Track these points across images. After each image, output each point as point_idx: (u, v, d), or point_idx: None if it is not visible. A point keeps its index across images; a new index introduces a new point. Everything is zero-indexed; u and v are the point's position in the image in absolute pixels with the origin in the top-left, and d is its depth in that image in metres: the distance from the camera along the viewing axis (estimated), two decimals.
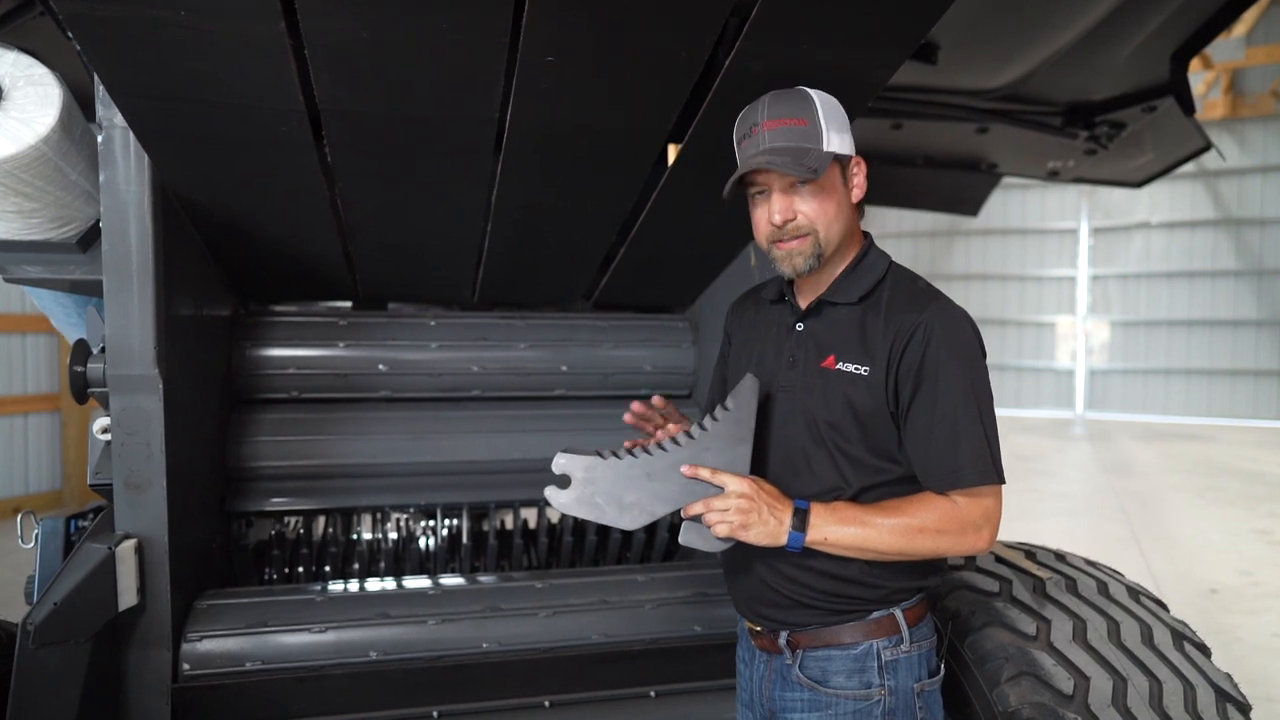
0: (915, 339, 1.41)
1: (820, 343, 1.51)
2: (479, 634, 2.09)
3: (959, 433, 1.39)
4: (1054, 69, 2.85)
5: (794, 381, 1.52)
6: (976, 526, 1.40)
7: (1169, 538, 6.92)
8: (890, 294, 1.48)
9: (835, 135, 1.43)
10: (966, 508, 1.40)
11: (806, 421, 1.49)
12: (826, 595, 1.49)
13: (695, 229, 2.30)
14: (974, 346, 1.44)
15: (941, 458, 1.40)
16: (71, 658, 1.68)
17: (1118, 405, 15.23)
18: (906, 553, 1.40)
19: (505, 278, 2.53)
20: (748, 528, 1.36)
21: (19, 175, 1.75)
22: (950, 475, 1.40)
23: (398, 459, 2.50)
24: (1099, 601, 1.80)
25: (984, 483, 1.40)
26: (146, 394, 1.84)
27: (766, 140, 1.41)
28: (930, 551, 1.41)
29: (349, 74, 1.50)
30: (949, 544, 1.40)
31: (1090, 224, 15.35)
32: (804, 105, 1.42)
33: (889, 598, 1.49)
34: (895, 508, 1.41)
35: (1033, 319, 15.87)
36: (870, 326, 1.46)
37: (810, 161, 1.39)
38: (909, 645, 1.49)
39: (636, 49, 1.52)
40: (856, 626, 1.49)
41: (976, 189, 4.40)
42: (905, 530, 1.38)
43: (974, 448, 1.39)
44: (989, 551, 1.45)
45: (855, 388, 1.45)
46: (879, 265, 1.52)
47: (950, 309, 1.44)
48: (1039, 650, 1.65)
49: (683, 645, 2.17)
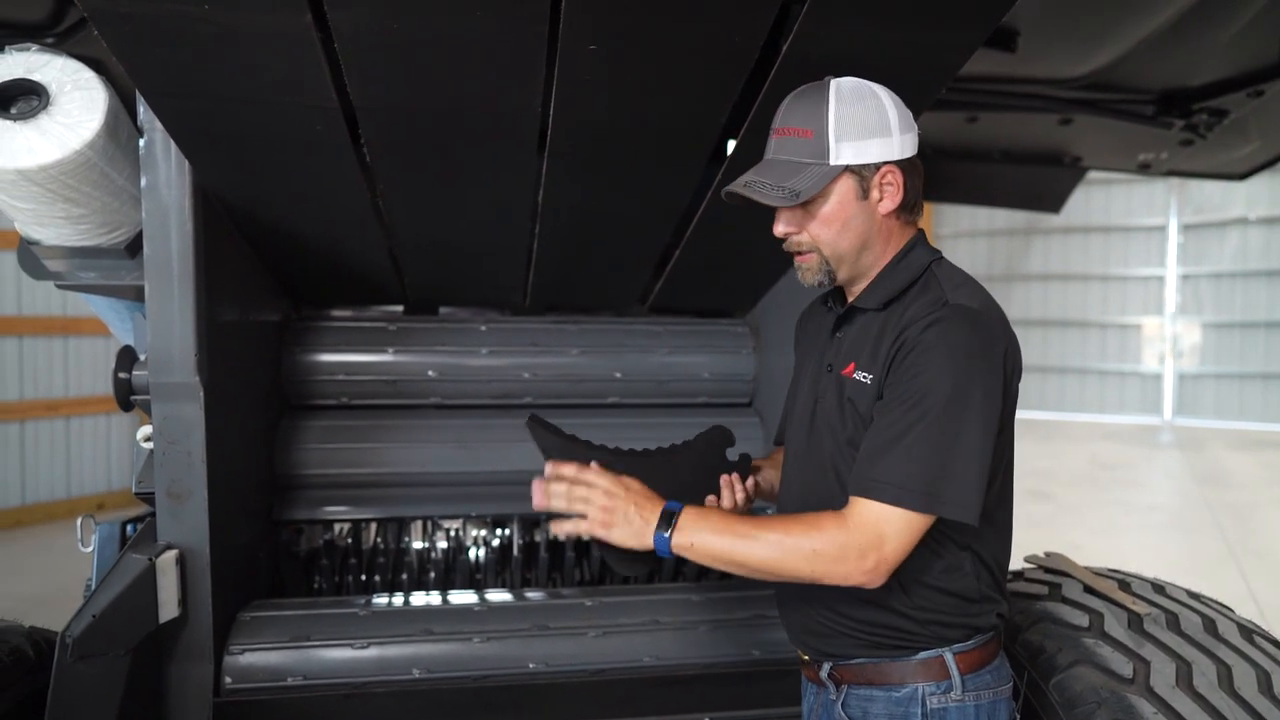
0: (908, 342, 1.27)
1: (847, 350, 1.41)
2: (525, 653, 2.01)
3: (901, 443, 1.23)
4: (1147, 53, 2.64)
5: (826, 390, 1.43)
6: (860, 552, 1.21)
7: (1271, 555, 6.46)
8: (915, 296, 1.35)
9: (849, 146, 1.31)
10: (857, 529, 1.22)
11: (831, 434, 1.39)
12: (867, 625, 1.36)
13: (755, 229, 2.15)
14: (974, 359, 1.25)
15: (867, 461, 1.25)
16: (110, 671, 1.66)
17: (1210, 411, 14.45)
18: (778, 572, 1.26)
19: (556, 281, 2.45)
20: (610, 526, 1.29)
21: (65, 180, 1.74)
22: (862, 480, 1.25)
23: (447, 468, 2.45)
24: (1206, 641, 1.61)
25: (896, 503, 1.21)
26: (187, 402, 1.82)
27: (771, 150, 1.36)
28: (804, 575, 1.24)
29: (381, 67, 1.43)
30: (824, 570, 1.23)
31: (1180, 220, 14.61)
32: (816, 113, 1.31)
33: (936, 635, 1.35)
34: (774, 522, 1.27)
35: (1116, 320, 15.19)
36: (887, 333, 1.34)
37: (796, 183, 1.30)
38: (961, 693, 1.34)
39: (685, 35, 1.41)
40: (902, 666, 1.36)
41: (1059, 184, 4.17)
42: (777, 547, 1.24)
43: (909, 463, 1.21)
44: (876, 585, 1.23)
45: (860, 396, 1.34)
46: (914, 268, 1.38)
47: (965, 314, 1.27)
48: (1137, 695, 1.48)
49: (739, 670, 2.05)
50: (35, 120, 1.67)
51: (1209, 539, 6.96)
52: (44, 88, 1.70)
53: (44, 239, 1.86)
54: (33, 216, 1.80)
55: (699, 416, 2.62)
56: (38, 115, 1.68)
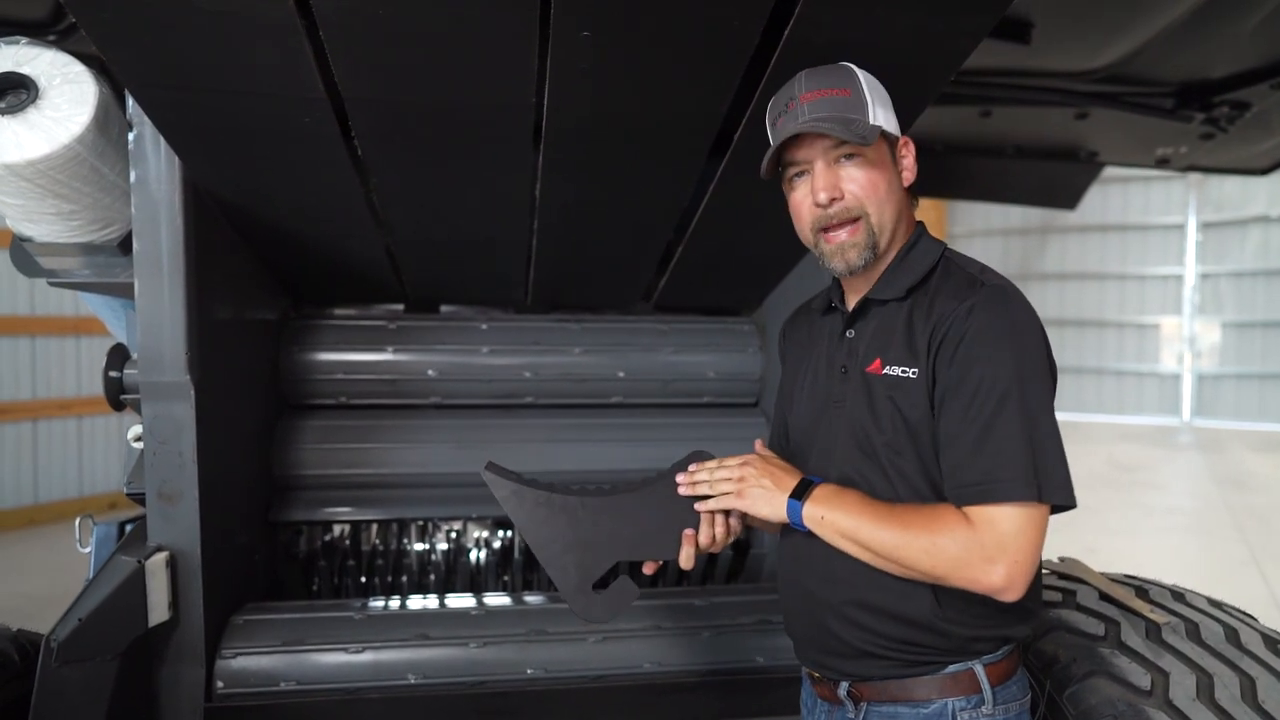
0: (954, 328, 1.21)
1: (869, 346, 1.33)
2: (523, 658, 1.97)
3: (990, 435, 1.16)
4: (1166, 44, 2.57)
5: (845, 394, 1.34)
6: (987, 557, 1.14)
7: None
8: (939, 282, 1.29)
9: (881, 110, 1.29)
10: (981, 532, 1.15)
11: (858, 439, 1.31)
12: (894, 642, 1.29)
13: (760, 224, 2.12)
14: (1027, 336, 1.21)
15: (963, 465, 1.18)
16: (97, 675, 1.63)
17: (1230, 412, 14.23)
18: (900, 560, 1.20)
19: (558, 278, 2.41)
20: (743, 496, 1.30)
21: (54, 176, 1.70)
22: (969, 487, 1.17)
23: (447, 468, 2.41)
24: (1228, 652, 1.54)
25: (1012, 499, 1.15)
26: (178, 401, 1.78)
27: (807, 112, 1.27)
28: (924, 570, 1.18)
29: (367, 57, 1.39)
30: (945, 570, 1.16)
31: (1199, 218, 14.40)
32: (847, 77, 1.30)
33: (966, 648, 1.28)
34: (901, 514, 1.21)
35: (1134, 320, 15.00)
36: (918, 322, 1.27)
37: (859, 129, 1.24)
38: (991, 707, 1.28)
39: (681, 20, 1.36)
40: (930, 681, 1.29)
41: (1075, 180, 4.08)
42: (901, 535, 1.18)
43: (1006, 455, 1.15)
44: (1014, 595, 1.16)
45: (903, 393, 1.26)
46: (930, 254, 1.33)
47: (1003, 293, 1.23)
48: (1155, 709, 1.41)
49: (742, 677, 2.00)
50: (23, 114, 1.64)
51: (1230, 542, 6.83)
52: (33, 81, 1.67)
53: (36, 236, 1.84)
54: (23, 213, 1.77)
55: (704, 417, 2.57)
56: (26, 109, 1.64)
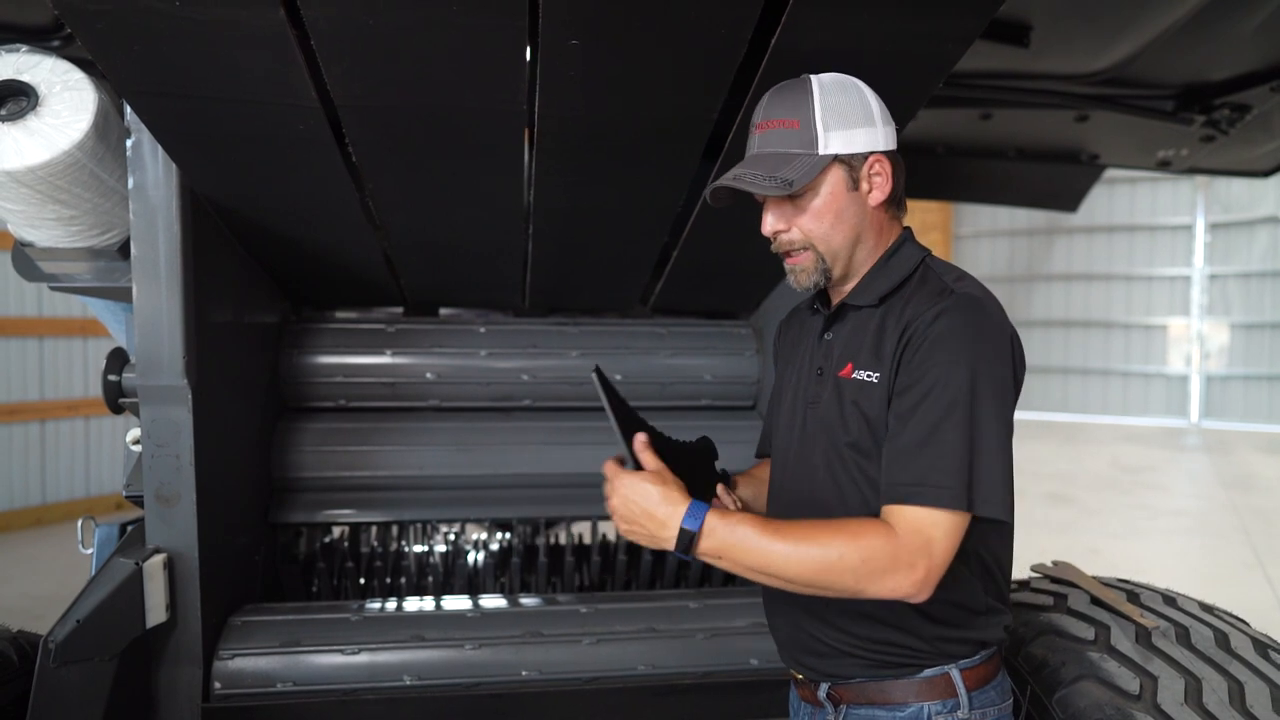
0: (919, 333, 1.22)
1: (842, 351, 1.35)
2: (518, 660, 1.98)
3: (932, 439, 1.16)
4: (1166, 46, 2.56)
5: (820, 395, 1.36)
6: (908, 563, 1.14)
7: None
8: (914, 289, 1.30)
9: (837, 135, 1.27)
10: (903, 537, 1.15)
11: (829, 439, 1.32)
12: (869, 643, 1.30)
13: (755, 227, 2.12)
14: (988, 345, 1.20)
15: (900, 464, 1.18)
16: (95, 676, 1.64)
17: (1238, 414, 14.15)
18: (819, 586, 1.17)
19: (554, 282, 2.42)
20: (627, 533, 1.24)
21: (54, 182, 1.72)
22: (901, 486, 1.17)
23: (445, 471, 2.42)
24: (1217, 656, 1.54)
25: (940, 505, 1.14)
26: (176, 404, 1.80)
27: (756, 146, 1.30)
28: (848, 589, 1.16)
29: (359, 65, 1.40)
30: (871, 583, 1.15)
31: (1207, 219, 14.33)
32: (800, 103, 1.27)
33: (940, 650, 1.29)
34: (812, 532, 1.17)
35: (1141, 321, 14.93)
36: (889, 327, 1.28)
37: (789, 173, 1.25)
38: (968, 712, 1.28)
39: (669, 27, 1.36)
40: (905, 684, 1.30)
41: (1076, 182, 4.07)
42: (819, 560, 1.15)
43: (945, 461, 1.15)
44: (924, 598, 1.16)
45: (866, 396, 1.27)
46: (908, 262, 1.33)
47: (972, 301, 1.23)
48: (1143, 713, 1.41)
49: (736, 680, 2.01)
50: (24, 121, 1.66)
51: (1235, 545, 6.79)
52: (33, 89, 1.69)
53: (37, 240, 1.86)
54: (24, 218, 1.79)
55: (702, 419, 2.58)
56: (26, 116, 1.66)
